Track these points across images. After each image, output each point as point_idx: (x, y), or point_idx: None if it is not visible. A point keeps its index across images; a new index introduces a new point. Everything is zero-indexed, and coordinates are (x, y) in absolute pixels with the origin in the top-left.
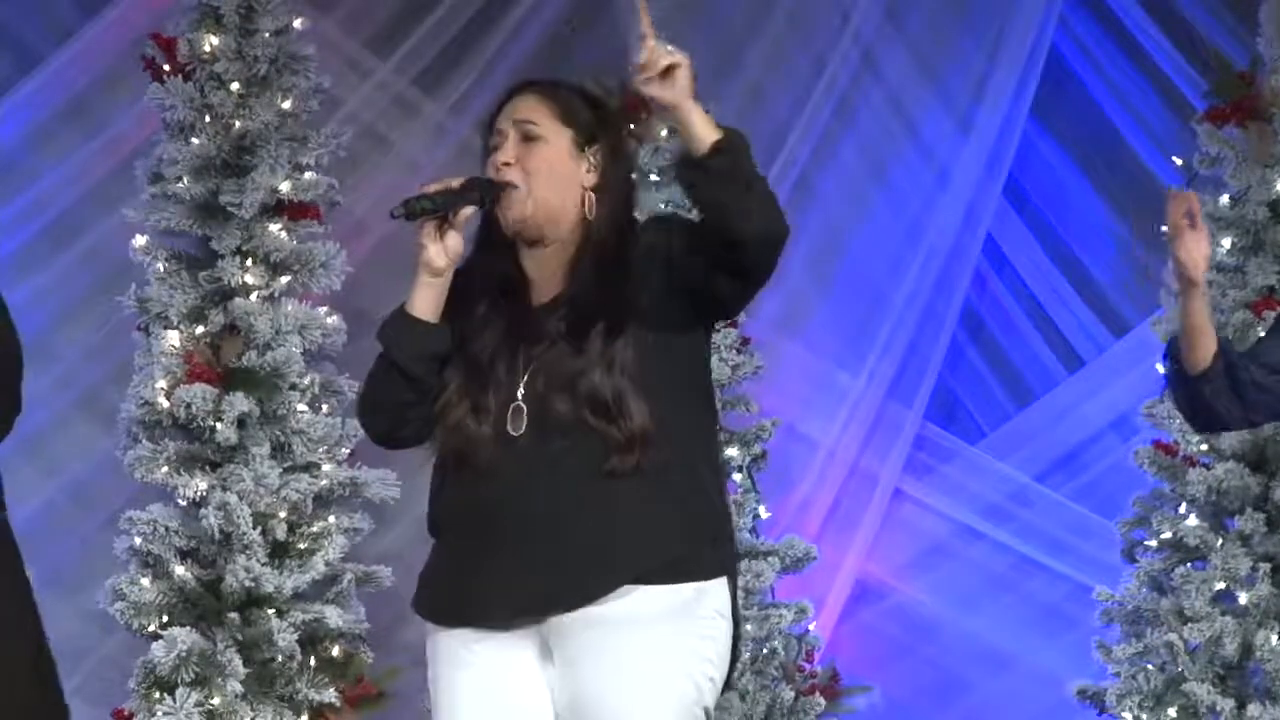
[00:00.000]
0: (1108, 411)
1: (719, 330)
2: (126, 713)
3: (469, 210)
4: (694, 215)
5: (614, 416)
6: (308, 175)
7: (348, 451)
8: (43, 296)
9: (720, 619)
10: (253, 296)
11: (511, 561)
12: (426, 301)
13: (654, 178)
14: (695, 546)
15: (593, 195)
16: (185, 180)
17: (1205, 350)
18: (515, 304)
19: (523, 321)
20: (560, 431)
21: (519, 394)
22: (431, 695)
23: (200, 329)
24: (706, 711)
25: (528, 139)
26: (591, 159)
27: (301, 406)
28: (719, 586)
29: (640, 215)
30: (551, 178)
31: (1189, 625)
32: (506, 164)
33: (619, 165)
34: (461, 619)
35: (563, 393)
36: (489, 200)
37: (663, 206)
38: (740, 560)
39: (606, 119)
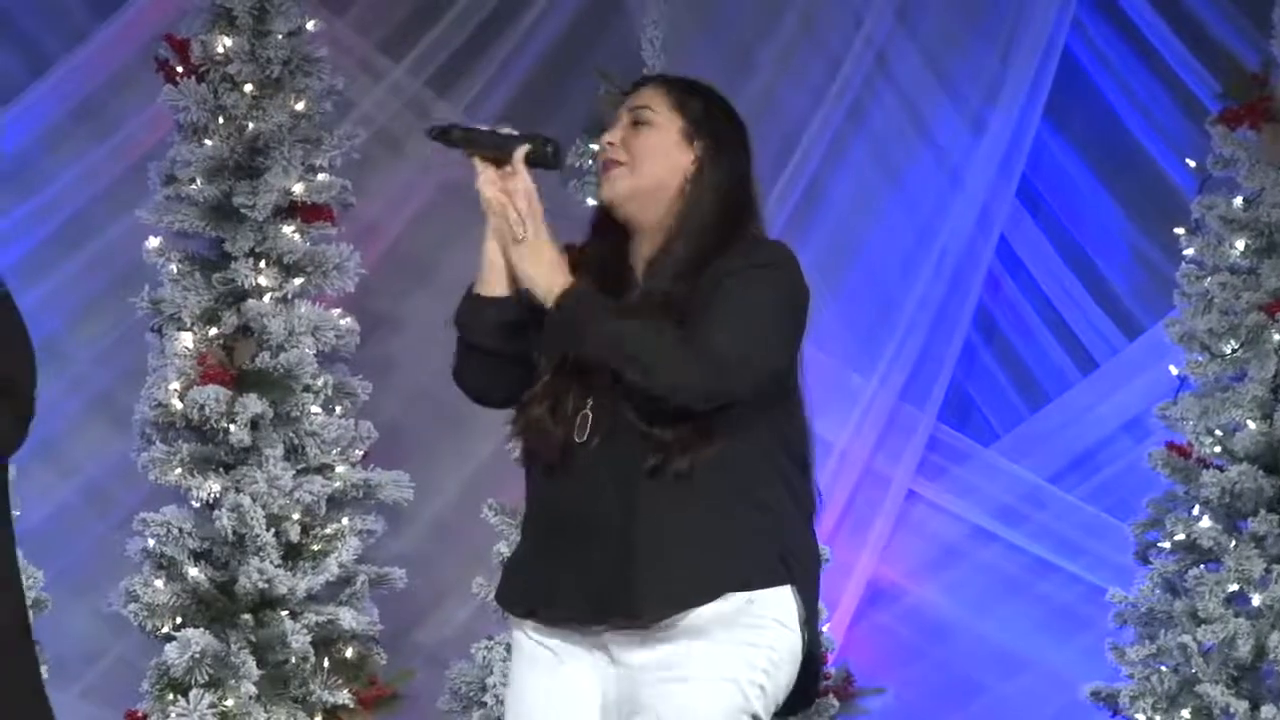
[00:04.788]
0: (1121, 413)
1: None
2: (140, 714)
3: (522, 150)
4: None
5: (658, 418)
6: (321, 177)
7: (361, 453)
8: (55, 298)
9: (780, 627)
10: (266, 298)
11: (571, 567)
12: (491, 269)
13: None
14: (748, 557)
15: (689, 185)
16: (198, 182)
17: None
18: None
19: None
20: (614, 441)
21: (589, 400)
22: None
23: (214, 330)
24: (755, 718)
25: (638, 123)
26: (697, 151)
27: (315, 408)
28: (779, 595)
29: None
30: (654, 158)
31: (1202, 627)
32: (611, 143)
33: (719, 163)
34: (527, 610)
35: (614, 400)
36: (547, 157)
37: None
38: None
39: (718, 117)
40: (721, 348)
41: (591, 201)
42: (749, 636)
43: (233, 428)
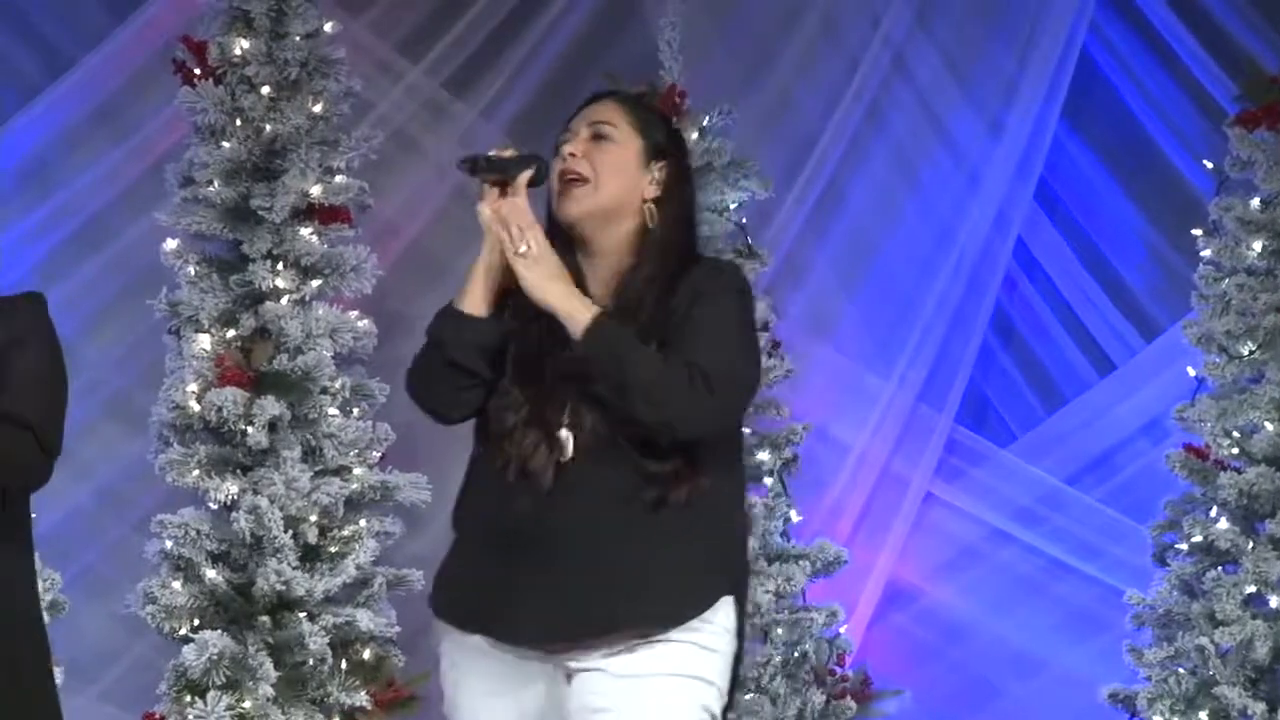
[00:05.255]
0: (1139, 415)
1: None
2: (158, 716)
3: (526, 174)
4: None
5: (651, 450)
6: (338, 179)
7: (379, 455)
8: (73, 301)
9: (729, 635)
10: (284, 300)
11: (541, 587)
12: (478, 290)
13: None
14: (712, 578)
15: (653, 207)
16: (216, 184)
17: None
18: None
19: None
20: (600, 460)
21: (564, 419)
22: (446, 693)
23: (231, 333)
24: (712, 716)
25: (598, 137)
26: (657, 173)
27: (332, 410)
28: (727, 605)
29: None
30: (617, 177)
31: (1220, 629)
32: (573, 154)
33: (683, 187)
34: (482, 629)
35: (602, 421)
36: (544, 177)
37: None
38: (772, 564)
39: (678, 141)
40: (721, 381)
41: None
42: (705, 640)
43: (250, 430)
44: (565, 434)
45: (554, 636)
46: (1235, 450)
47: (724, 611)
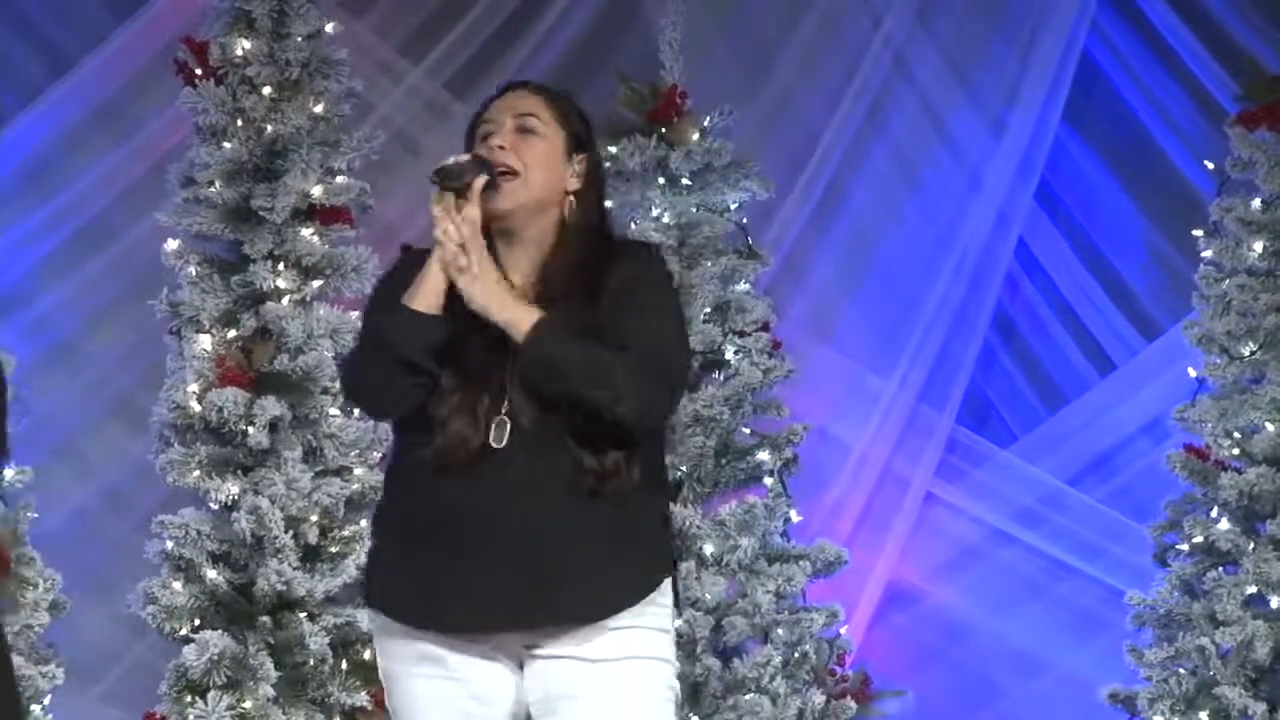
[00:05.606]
0: (1139, 415)
1: (749, 335)
2: (158, 716)
3: (480, 180)
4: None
5: (588, 441)
6: (339, 179)
7: (379, 455)
8: (74, 301)
9: (674, 611)
10: (284, 300)
11: (489, 577)
12: (432, 288)
13: (686, 181)
14: (653, 562)
15: (573, 200)
16: (217, 184)
17: None
18: None
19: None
20: (537, 449)
21: (503, 408)
22: (389, 692)
23: (232, 333)
24: (675, 692)
25: (524, 130)
26: (578, 165)
27: (333, 410)
28: (669, 584)
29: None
30: (545, 170)
31: (1221, 629)
32: (501, 148)
33: (598, 176)
34: (428, 623)
35: (538, 411)
36: (493, 181)
37: (694, 210)
38: (772, 564)
39: (590, 132)
40: (673, 370)
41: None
42: (659, 622)
43: (251, 430)
44: (501, 421)
45: (506, 625)
46: (1236, 451)
47: (668, 592)
